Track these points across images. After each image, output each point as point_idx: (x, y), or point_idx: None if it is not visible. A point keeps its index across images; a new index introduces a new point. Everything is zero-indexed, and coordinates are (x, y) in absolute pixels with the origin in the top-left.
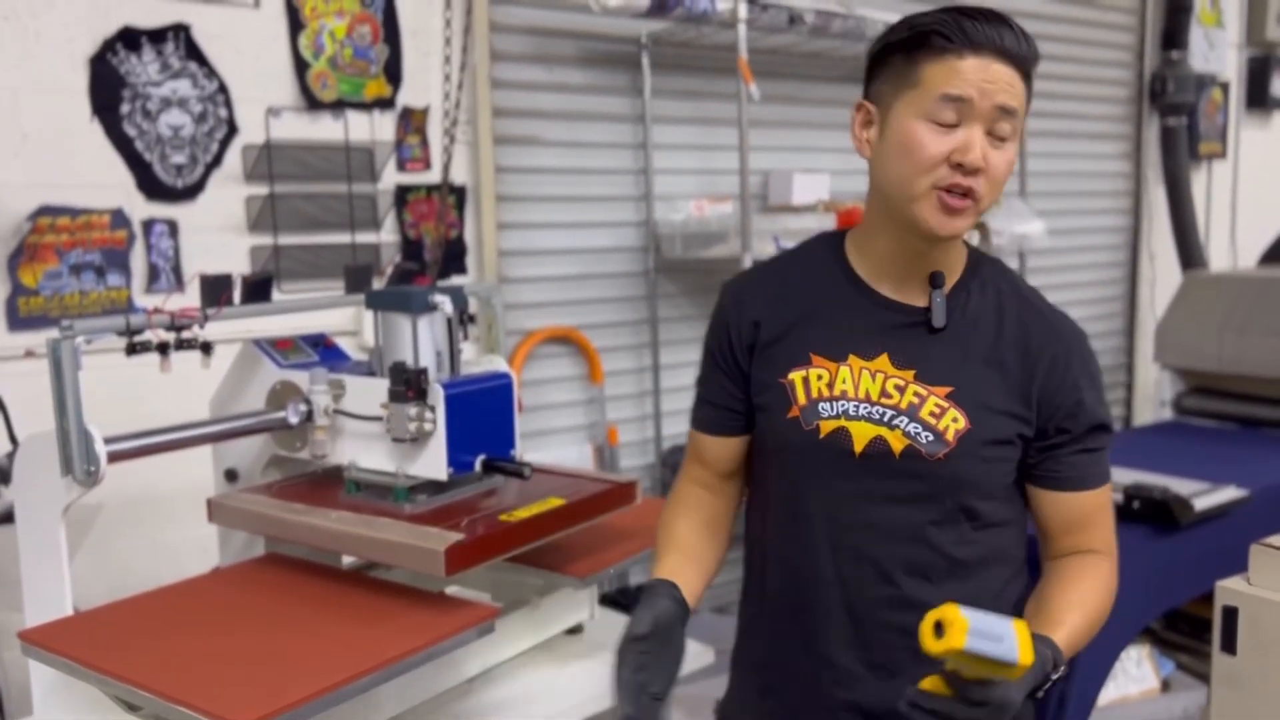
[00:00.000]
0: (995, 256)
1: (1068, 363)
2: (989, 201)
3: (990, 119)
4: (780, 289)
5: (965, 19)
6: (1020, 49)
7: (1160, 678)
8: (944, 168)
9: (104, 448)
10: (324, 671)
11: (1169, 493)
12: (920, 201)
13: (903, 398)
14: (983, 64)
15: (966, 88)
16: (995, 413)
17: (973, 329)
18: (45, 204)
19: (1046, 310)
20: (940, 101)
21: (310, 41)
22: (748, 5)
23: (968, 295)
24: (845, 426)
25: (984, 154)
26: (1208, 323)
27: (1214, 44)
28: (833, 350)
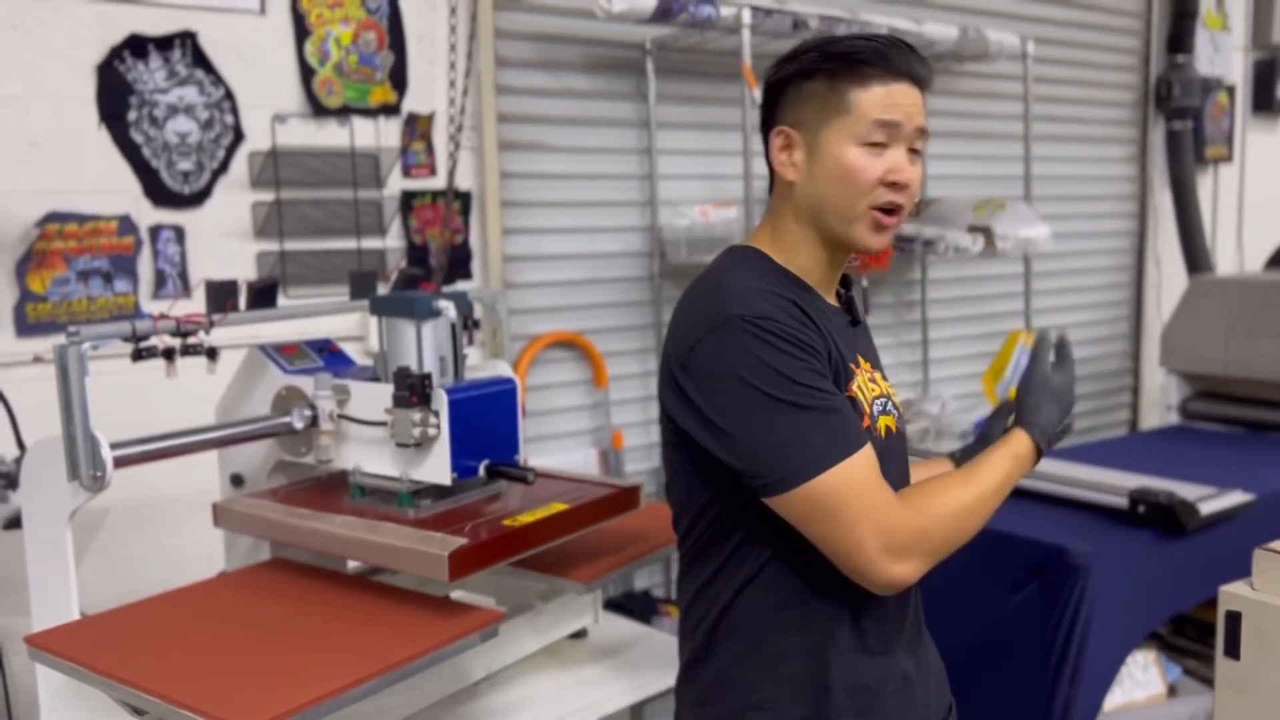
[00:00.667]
0: None
1: None
2: (908, 212)
3: (911, 139)
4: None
5: (886, 47)
6: (928, 74)
7: (1167, 683)
8: (880, 188)
9: (110, 453)
10: (329, 676)
11: (1175, 497)
12: (857, 222)
13: (882, 386)
14: (904, 90)
15: (894, 113)
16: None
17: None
18: (53, 210)
19: None
20: (873, 126)
21: (316, 48)
22: (752, 11)
23: (848, 291)
24: (885, 422)
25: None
26: (1214, 327)
27: (1220, 47)
28: (852, 355)
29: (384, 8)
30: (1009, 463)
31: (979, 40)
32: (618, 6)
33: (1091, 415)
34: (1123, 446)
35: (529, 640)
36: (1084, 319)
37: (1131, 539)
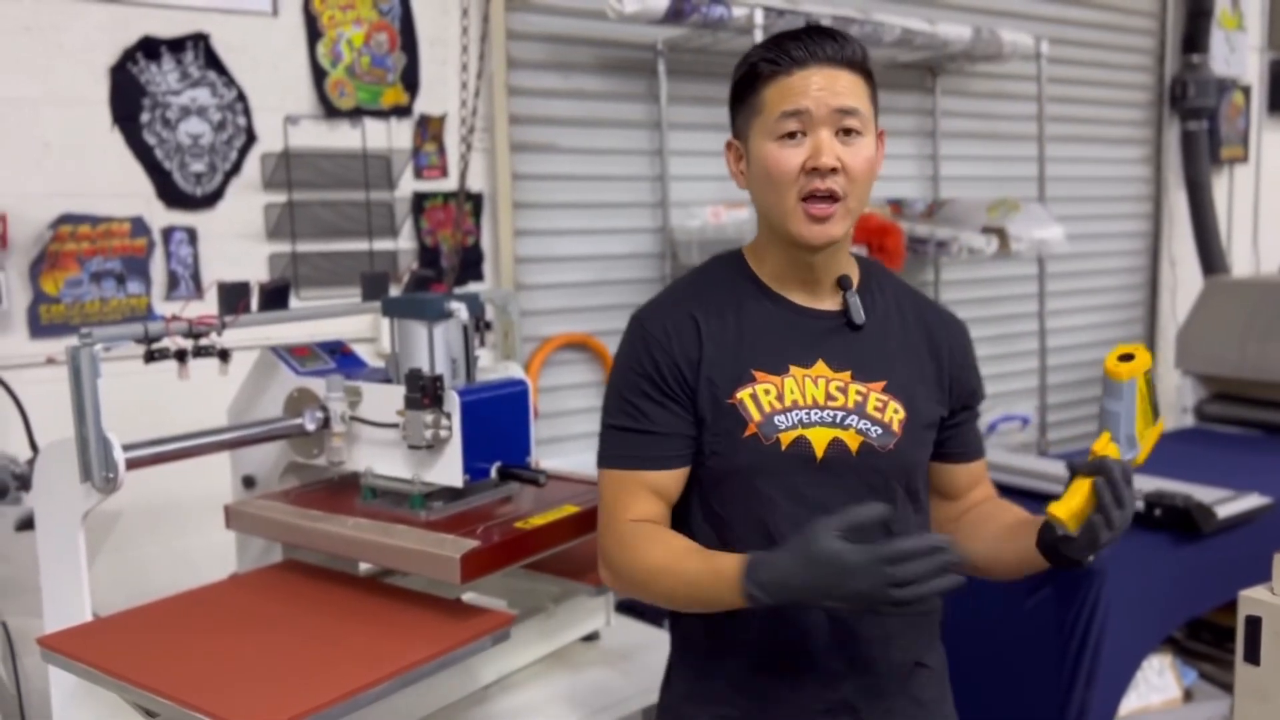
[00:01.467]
0: (874, 259)
1: (964, 349)
2: (857, 198)
3: (833, 121)
4: (704, 313)
5: (787, 40)
6: (842, 52)
7: (1183, 687)
8: (803, 177)
9: (122, 455)
10: (340, 679)
11: (1191, 500)
12: (791, 217)
13: (847, 398)
14: (810, 74)
15: (801, 99)
16: (923, 399)
17: (885, 324)
18: (66, 212)
19: (937, 307)
20: (782, 119)
21: (328, 50)
22: (764, 11)
23: (872, 296)
24: (804, 434)
25: (836, 154)
26: (1230, 328)
27: (1235, 47)
28: (773, 364)
29: (396, 9)
30: (709, 575)
31: (993, 40)
32: (629, 8)
33: None
34: None
35: (540, 643)
36: (1098, 320)
37: (1147, 542)
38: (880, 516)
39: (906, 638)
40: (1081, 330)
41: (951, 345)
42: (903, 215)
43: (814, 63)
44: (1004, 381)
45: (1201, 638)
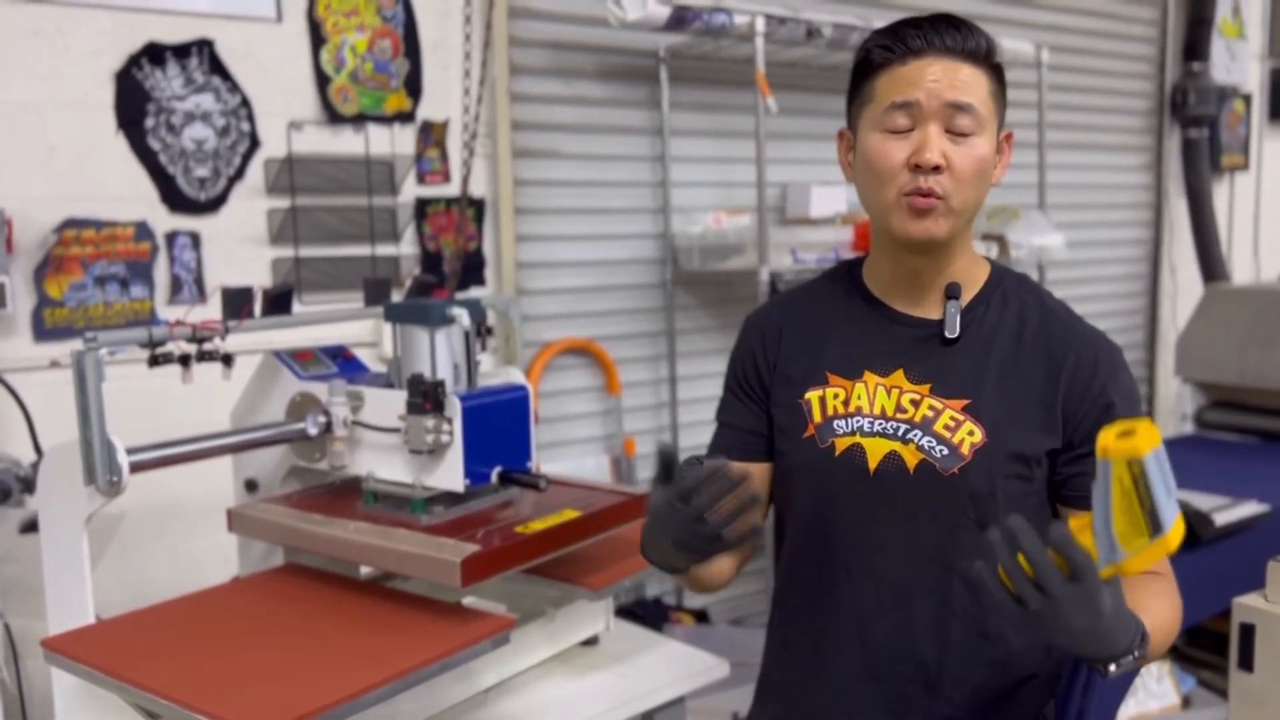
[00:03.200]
0: (1023, 273)
1: (1094, 370)
2: (962, 200)
3: (945, 117)
4: (799, 315)
5: (906, 27)
6: (965, 44)
7: (1181, 694)
8: (905, 173)
9: (126, 458)
10: (341, 682)
11: (1189, 508)
12: (892, 211)
13: (917, 411)
14: (926, 65)
15: (912, 91)
16: (1017, 426)
17: (991, 340)
18: (71, 217)
19: (1073, 320)
20: (891, 110)
21: (332, 56)
22: (766, 19)
23: (987, 307)
24: (860, 443)
25: (943, 152)
26: (1230, 336)
27: (1236, 55)
28: (848, 368)
29: (399, 16)
30: None
31: None
32: (632, 15)
33: None
34: None
35: (541, 647)
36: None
37: None
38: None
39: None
40: None
41: (1076, 369)
42: None
43: (931, 53)
44: None
45: (1200, 645)
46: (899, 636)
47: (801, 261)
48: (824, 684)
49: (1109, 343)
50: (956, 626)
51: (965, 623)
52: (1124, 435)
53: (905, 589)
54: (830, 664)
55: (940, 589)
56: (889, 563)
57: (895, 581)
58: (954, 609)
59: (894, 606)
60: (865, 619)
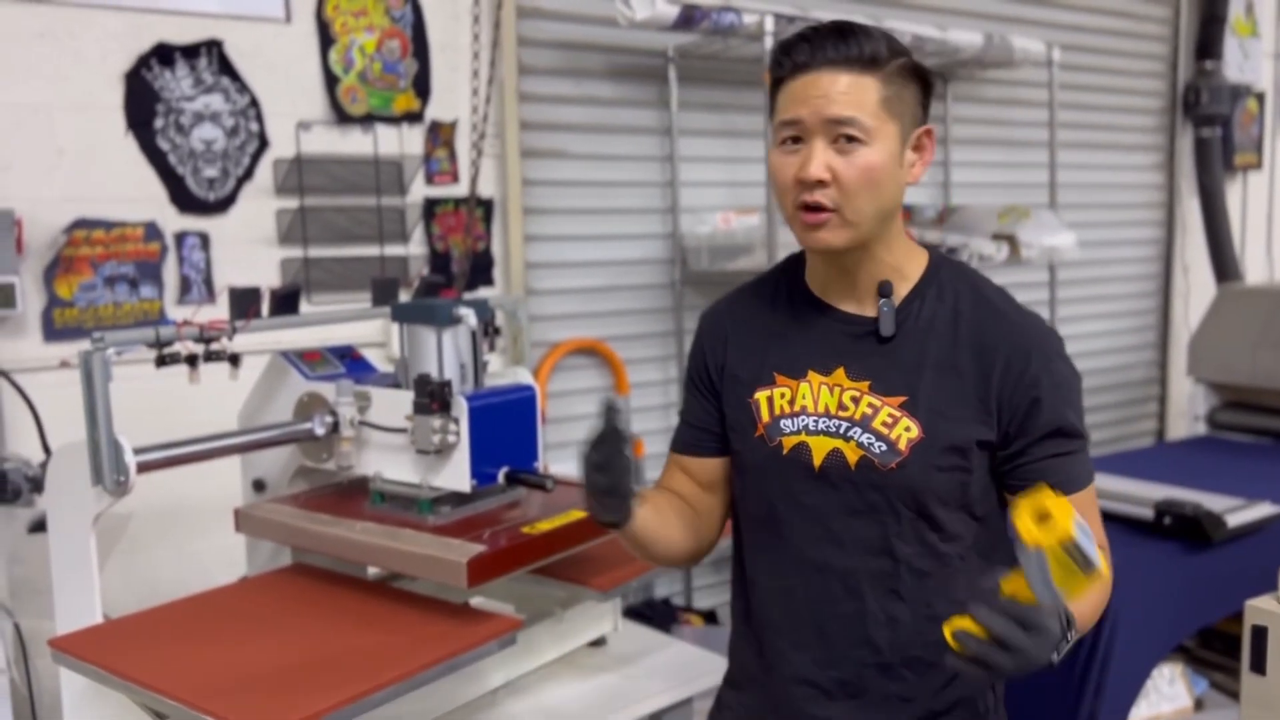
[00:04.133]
0: (959, 260)
1: (1025, 361)
2: (855, 209)
3: (828, 131)
4: (747, 313)
5: (796, 42)
6: (849, 53)
7: (1193, 696)
8: (794, 187)
9: (133, 458)
10: (347, 682)
11: (1201, 509)
12: (793, 221)
13: (857, 409)
14: (809, 81)
15: (796, 108)
16: (951, 420)
17: (926, 336)
18: (80, 217)
19: (1009, 310)
20: (781, 127)
21: (340, 56)
22: (774, 18)
23: (922, 302)
24: (806, 441)
25: (828, 165)
26: (1242, 336)
27: (1249, 54)
28: (793, 368)
29: (408, 16)
30: None
31: (1004, 47)
32: (640, 14)
33: (1117, 425)
34: (1149, 457)
35: (548, 648)
36: (1110, 328)
37: (1157, 551)
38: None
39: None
40: (1093, 337)
41: (1009, 361)
42: (913, 222)
43: (815, 66)
44: None
45: (1213, 646)
46: (852, 624)
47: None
48: (784, 671)
49: (1043, 330)
50: (904, 610)
51: (913, 607)
52: (1043, 519)
53: (855, 579)
54: (788, 652)
55: (887, 577)
56: (838, 554)
57: (845, 572)
58: (902, 595)
59: (845, 596)
60: (819, 608)
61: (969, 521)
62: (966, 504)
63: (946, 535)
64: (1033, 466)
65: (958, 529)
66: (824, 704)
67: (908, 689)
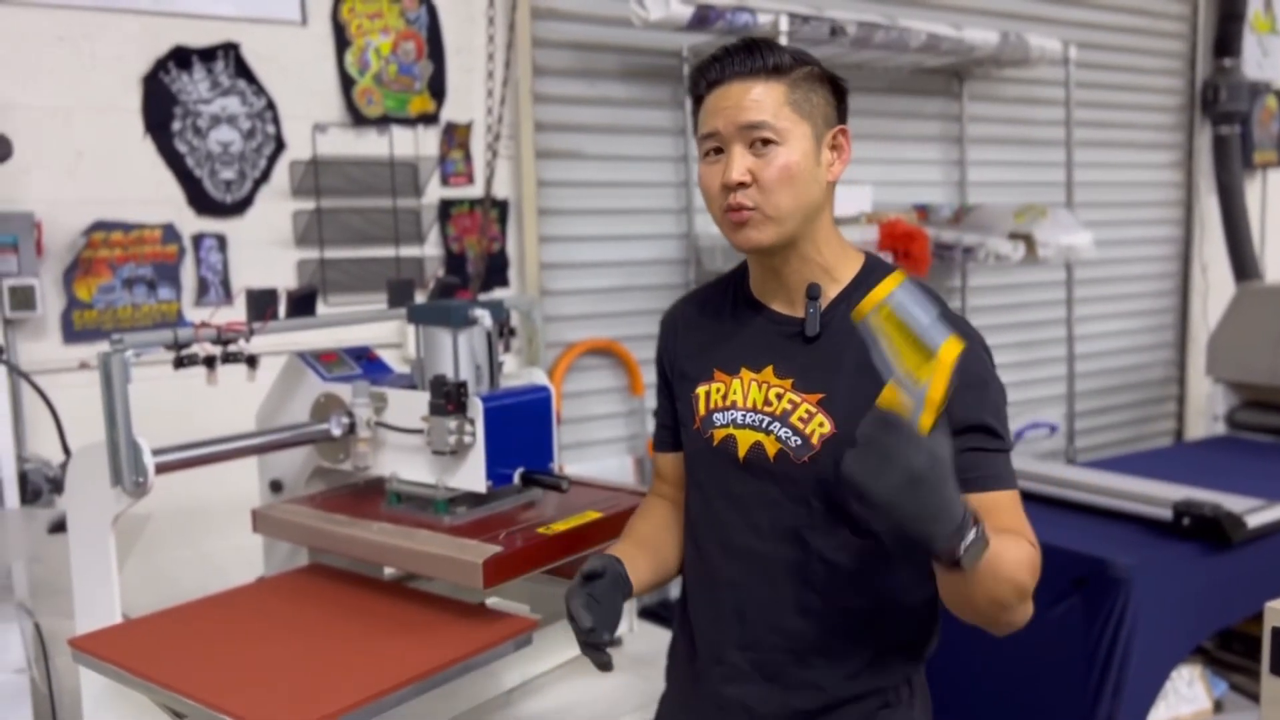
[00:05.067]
0: (893, 266)
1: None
2: (775, 206)
3: (743, 136)
4: (697, 314)
5: (709, 62)
6: (754, 64)
7: (1213, 698)
8: (721, 194)
9: (152, 459)
10: (363, 683)
11: (1220, 509)
12: (722, 227)
13: (779, 404)
14: (723, 93)
15: (712, 121)
16: (864, 416)
17: (847, 338)
18: (99, 220)
19: None
20: (703, 140)
21: (356, 58)
22: (789, 17)
23: (848, 305)
24: (733, 434)
25: (747, 168)
26: (1262, 335)
27: (1268, 51)
28: (730, 365)
29: (423, 18)
30: None
31: (1020, 45)
32: (654, 15)
33: (1136, 425)
34: (1167, 457)
35: (563, 648)
36: (1128, 327)
37: (1176, 552)
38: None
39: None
40: (1111, 337)
41: None
42: (929, 221)
43: (726, 80)
44: (1031, 388)
45: (1232, 648)
46: (767, 609)
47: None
48: (705, 652)
49: (964, 334)
50: (816, 600)
51: (825, 597)
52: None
53: (772, 566)
54: (710, 634)
55: (800, 567)
56: (758, 542)
57: (763, 560)
58: (814, 585)
59: (763, 583)
60: (739, 594)
61: None
62: None
63: (858, 529)
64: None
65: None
66: (739, 685)
67: (819, 676)
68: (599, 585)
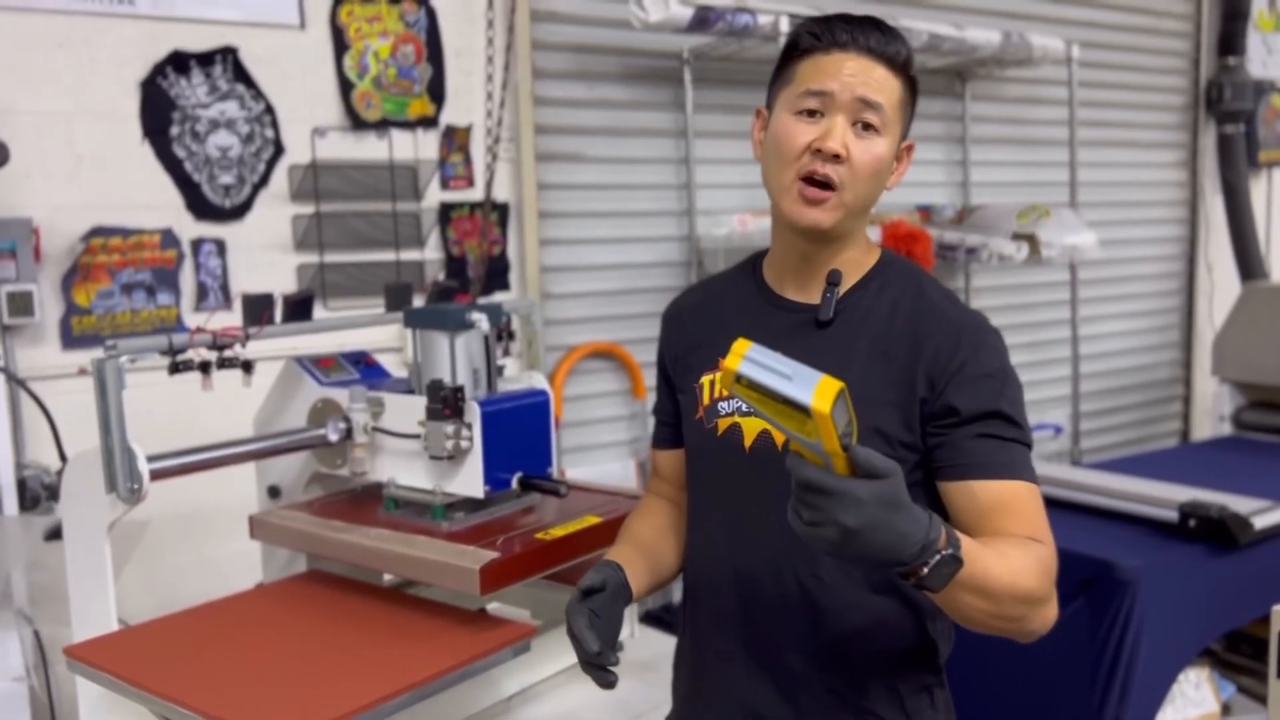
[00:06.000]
0: (910, 261)
1: (955, 346)
2: (855, 193)
3: (854, 110)
4: (701, 304)
5: (836, 20)
6: (886, 48)
7: (1220, 701)
8: (806, 155)
9: (146, 466)
10: (361, 690)
11: (1227, 510)
12: (786, 193)
13: None
14: (846, 59)
15: (828, 80)
16: (879, 404)
17: (862, 323)
18: (98, 225)
19: (946, 305)
20: (806, 95)
21: (355, 62)
22: (789, 19)
23: (864, 292)
24: (738, 423)
25: (845, 143)
26: (1268, 335)
27: (1272, 49)
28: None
29: (422, 21)
30: None
31: (1022, 45)
32: (654, 17)
33: (1141, 426)
34: (1173, 458)
35: (563, 654)
36: (1133, 327)
37: (1182, 553)
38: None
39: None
40: (1116, 337)
41: (939, 347)
42: (932, 221)
43: (854, 49)
44: (1036, 389)
45: (1240, 650)
46: (775, 607)
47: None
48: (710, 649)
49: (977, 323)
50: (829, 598)
51: (836, 596)
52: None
53: (779, 563)
54: (716, 631)
55: (811, 562)
56: (766, 537)
57: (771, 555)
58: (825, 582)
59: (770, 579)
60: (746, 590)
61: None
62: None
63: None
64: (957, 446)
65: None
66: (746, 684)
67: (830, 678)
68: (599, 600)
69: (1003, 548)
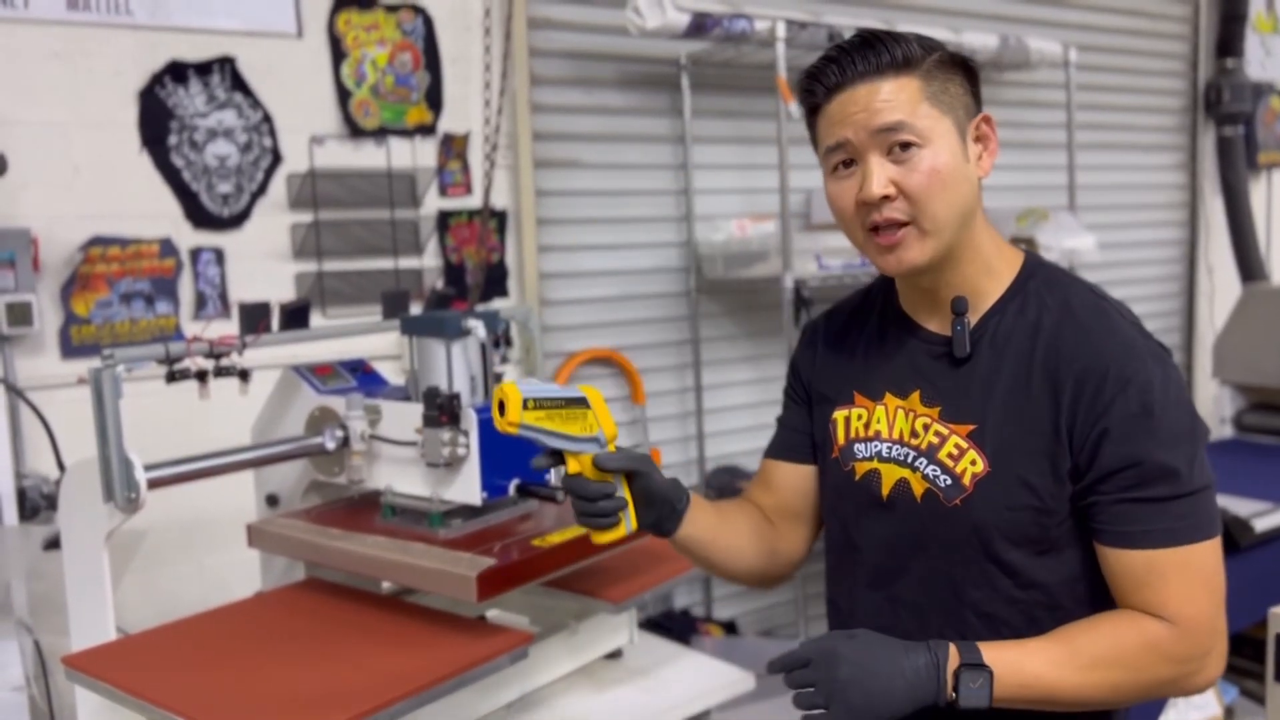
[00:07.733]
0: (1057, 268)
1: (1099, 384)
2: (931, 217)
3: (879, 143)
4: (840, 328)
5: (824, 65)
6: (880, 60)
7: (1223, 704)
8: (859, 211)
9: (144, 475)
10: (358, 698)
11: (1227, 513)
12: (866, 250)
13: (925, 437)
14: (846, 99)
15: (841, 130)
16: (1022, 451)
17: (1002, 355)
18: (96, 234)
19: (1093, 325)
20: (829, 152)
21: (352, 70)
22: (786, 24)
23: (1002, 317)
24: (877, 469)
25: (889, 179)
26: (1269, 337)
27: (1271, 51)
28: (872, 389)
29: (419, 29)
30: None
31: (1020, 49)
32: (651, 23)
33: None
34: None
35: (563, 661)
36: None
37: None
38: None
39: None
40: None
41: (1080, 384)
42: None
43: (849, 84)
44: None
45: (1242, 653)
46: None
47: (826, 268)
48: None
49: (1130, 351)
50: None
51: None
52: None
53: (922, 614)
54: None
55: (955, 617)
56: (906, 587)
57: (913, 606)
58: (969, 638)
59: (916, 631)
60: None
61: (1054, 567)
62: (1047, 547)
63: (1022, 581)
64: (1104, 509)
65: (1037, 575)
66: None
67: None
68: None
69: (1088, 636)
